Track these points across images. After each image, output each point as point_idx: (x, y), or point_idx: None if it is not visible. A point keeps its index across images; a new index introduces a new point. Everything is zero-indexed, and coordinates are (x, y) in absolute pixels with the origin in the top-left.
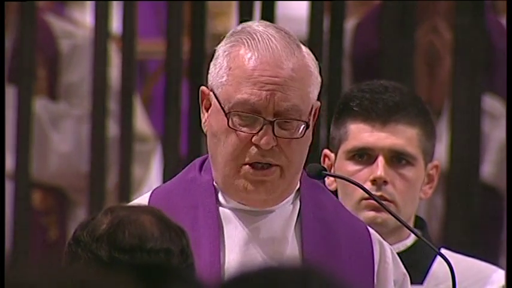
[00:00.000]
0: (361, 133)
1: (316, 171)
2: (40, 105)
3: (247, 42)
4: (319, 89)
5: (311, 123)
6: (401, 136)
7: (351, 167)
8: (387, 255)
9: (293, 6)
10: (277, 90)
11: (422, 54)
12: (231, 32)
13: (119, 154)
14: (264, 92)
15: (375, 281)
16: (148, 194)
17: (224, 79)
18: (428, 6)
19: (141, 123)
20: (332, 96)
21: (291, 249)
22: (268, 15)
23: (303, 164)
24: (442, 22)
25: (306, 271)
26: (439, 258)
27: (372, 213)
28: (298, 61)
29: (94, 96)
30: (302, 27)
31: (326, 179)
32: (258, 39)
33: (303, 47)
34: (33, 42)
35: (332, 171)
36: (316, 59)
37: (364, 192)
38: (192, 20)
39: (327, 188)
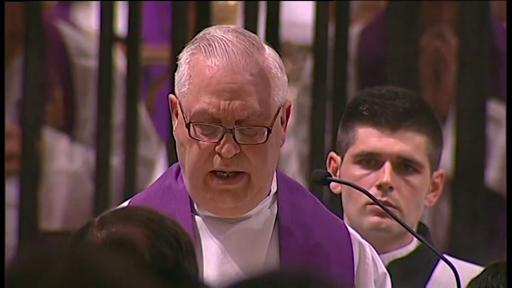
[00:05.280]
0: (369, 138)
1: (321, 177)
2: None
3: (205, 50)
4: (285, 89)
5: (274, 126)
6: (409, 143)
7: (358, 171)
8: (367, 255)
9: (298, 11)
10: (236, 98)
11: (428, 60)
12: (193, 39)
13: (123, 160)
14: (223, 102)
15: (355, 281)
16: (126, 203)
17: (185, 88)
18: (434, 12)
19: (146, 124)
20: (337, 101)
21: (269, 255)
22: (273, 20)
23: (273, 168)
24: (448, 28)
25: (306, 276)
26: (441, 264)
27: (376, 219)
28: (258, 64)
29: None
30: (307, 33)
31: None
32: (215, 45)
33: (266, 48)
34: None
35: (338, 174)
36: (321, 65)
37: (369, 197)
38: (196, 26)
39: (304, 188)
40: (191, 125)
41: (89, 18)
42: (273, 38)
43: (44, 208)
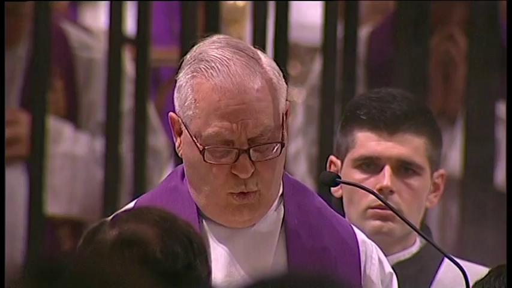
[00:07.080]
0: (368, 142)
1: (329, 178)
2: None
3: (207, 72)
4: (286, 94)
5: (285, 134)
6: (408, 145)
7: (358, 175)
8: (373, 255)
9: (307, 13)
10: (247, 118)
11: (437, 62)
12: (188, 58)
13: (132, 166)
14: (235, 124)
15: (362, 281)
16: (132, 204)
17: (191, 112)
18: (444, 14)
19: (155, 137)
20: (346, 103)
21: (277, 256)
22: (282, 22)
23: (281, 175)
24: (457, 30)
25: (319, 279)
26: (445, 265)
27: (378, 223)
28: (262, 78)
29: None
30: (316, 35)
31: None
32: (218, 67)
33: (262, 58)
34: (48, 55)
35: None
36: (330, 66)
37: (370, 201)
38: (205, 28)
39: (310, 190)
40: (205, 150)
41: (97, 19)
42: (282, 39)
43: (49, 192)
